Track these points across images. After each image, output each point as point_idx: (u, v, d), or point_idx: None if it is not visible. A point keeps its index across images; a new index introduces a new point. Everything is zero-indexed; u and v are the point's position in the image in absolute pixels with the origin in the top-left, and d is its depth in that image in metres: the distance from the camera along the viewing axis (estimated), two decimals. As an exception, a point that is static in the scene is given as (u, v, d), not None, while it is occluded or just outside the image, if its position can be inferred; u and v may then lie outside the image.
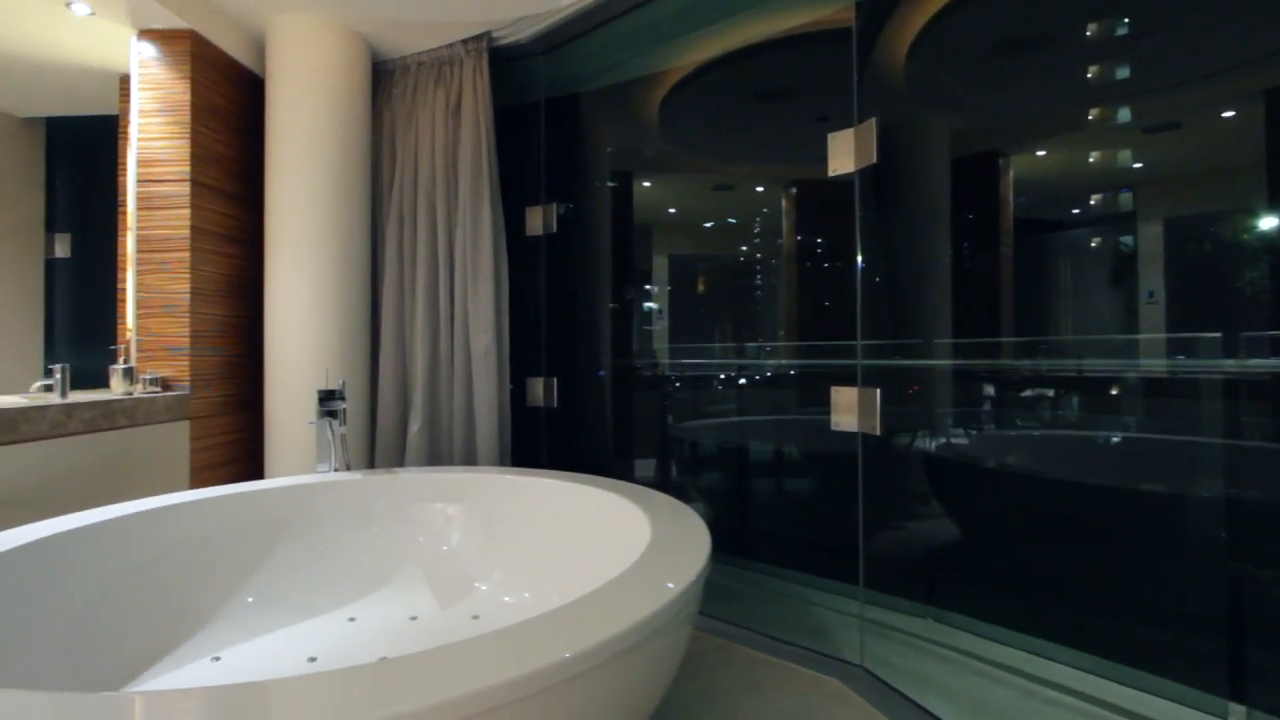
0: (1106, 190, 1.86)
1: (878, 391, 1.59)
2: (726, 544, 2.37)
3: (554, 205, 2.46)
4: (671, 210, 3.18)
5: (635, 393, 2.67)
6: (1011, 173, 2.01)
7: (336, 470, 1.84)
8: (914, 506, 2.07)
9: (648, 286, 2.93)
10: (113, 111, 2.48)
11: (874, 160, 1.61)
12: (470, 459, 2.30)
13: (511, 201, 2.41)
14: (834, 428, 1.67)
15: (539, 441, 2.44)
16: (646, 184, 2.95)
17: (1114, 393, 1.83)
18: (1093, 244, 1.94)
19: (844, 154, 1.70)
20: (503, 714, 0.75)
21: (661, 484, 2.67)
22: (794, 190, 2.64)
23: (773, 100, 2.55)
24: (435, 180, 2.38)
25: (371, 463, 2.39)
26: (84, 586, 1.26)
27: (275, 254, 2.22)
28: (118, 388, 1.98)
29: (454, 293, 2.34)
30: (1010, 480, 2.00)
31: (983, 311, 2.01)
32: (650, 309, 2.92)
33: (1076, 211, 1.98)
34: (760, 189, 2.89)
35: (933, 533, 2.01)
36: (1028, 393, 1.98)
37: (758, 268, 2.87)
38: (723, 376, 2.72)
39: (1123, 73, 1.76)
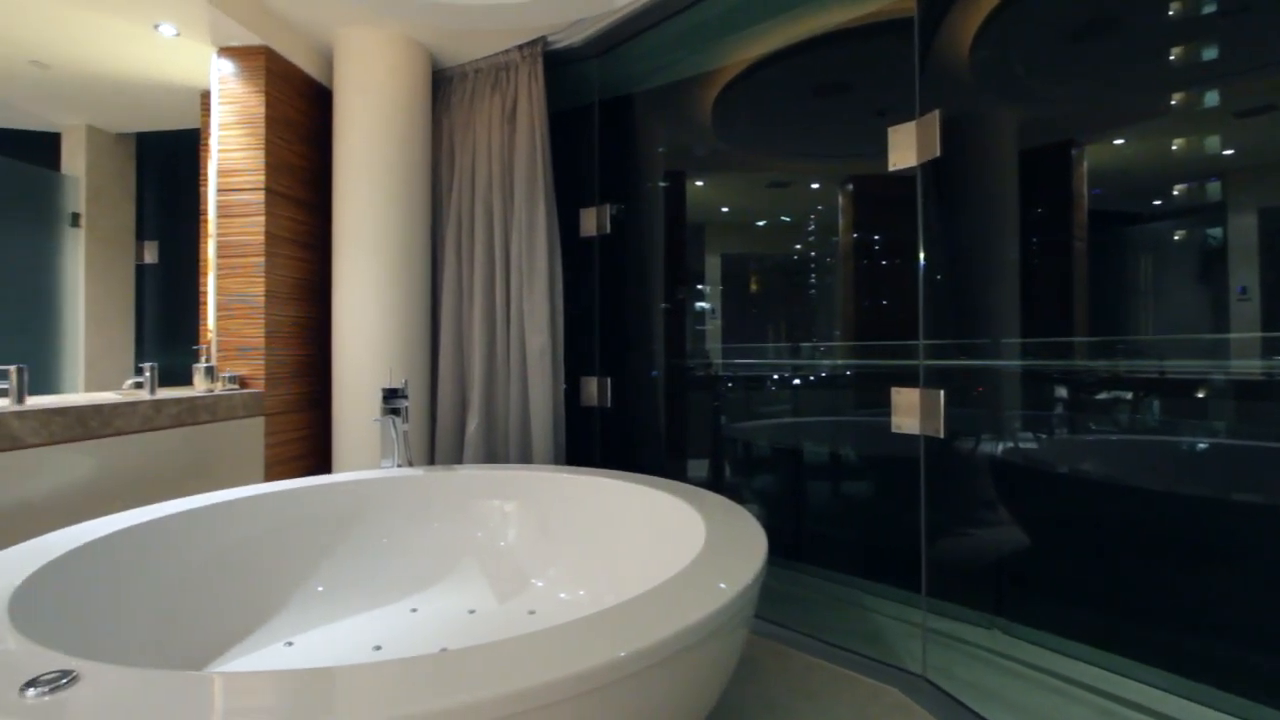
0: (1192, 180, 1.74)
1: (941, 393, 1.54)
2: (781, 547, 2.34)
3: (607, 206, 2.48)
4: (724, 209, 3.15)
5: (688, 393, 2.66)
6: (1086, 163, 1.90)
7: (399, 466, 1.91)
8: (979, 513, 1.99)
9: (700, 286, 2.92)
10: (195, 125, 2.64)
11: (937, 153, 1.56)
12: (526, 457, 2.34)
13: (566, 203, 2.44)
14: (894, 430, 1.62)
15: (593, 440, 2.47)
16: (699, 183, 2.93)
17: (1200, 396, 1.71)
18: (1175, 237, 1.82)
19: (905, 148, 1.65)
20: (559, 710, 0.75)
21: (714, 485, 2.65)
22: (851, 186, 2.58)
23: (830, 95, 2.50)
24: (492, 184, 2.43)
25: (431, 459, 2.46)
26: (172, 571, 1.34)
27: (342, 257, 2.31)
28: (200, 385, 2.10)
29: (510, 293, 2.39)
30: (1085, 487, 1.89)
31: (1054, 310, 1.91)
32: (702, 308, 2.91)
33: (1158, 203, 1.86)
34: (816, 186, 2.83)
35: (1000, 540, 1.92)
36: (1103, 395, 1.88)
37: (812, 266, 2.82)
38: (775, 377, 2.68)
39: (1210, 53, 1.64)
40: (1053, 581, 1.82)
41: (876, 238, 2.51)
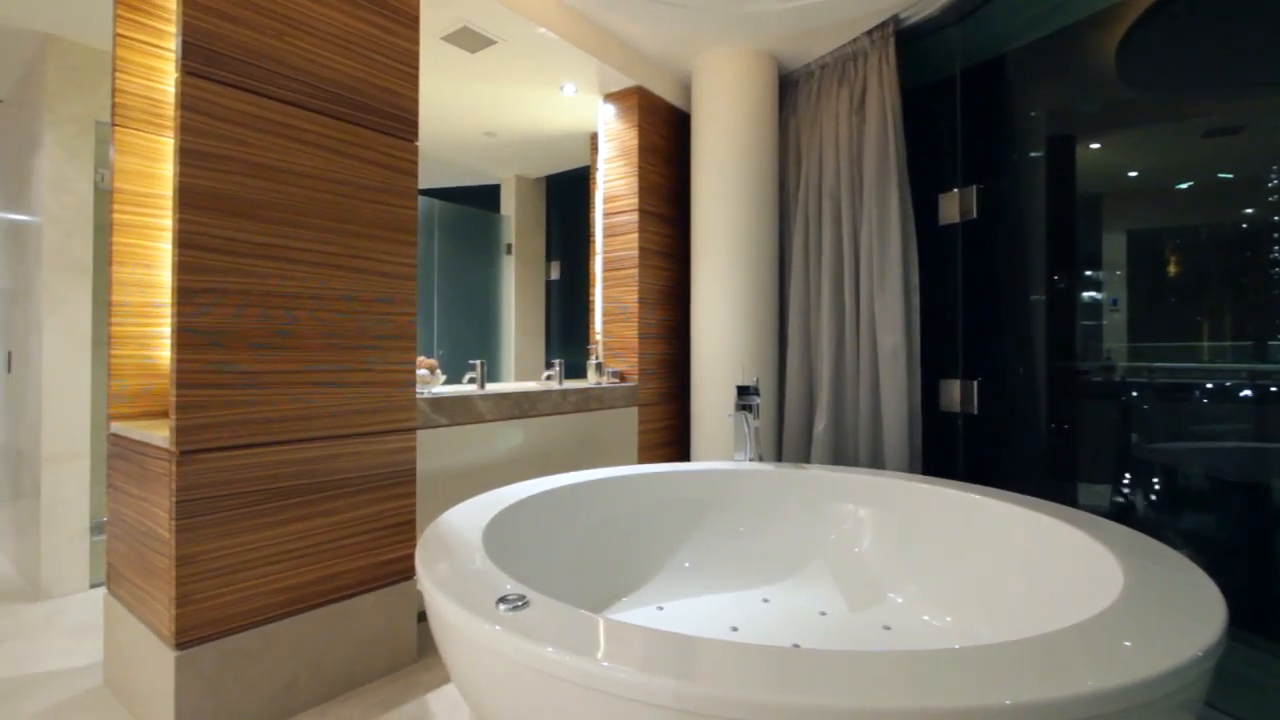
0: None
1: None
2: (1235, 613, 1.76)
3: (972, 188, 2.20)
4: (1132, 173, 2.51)
5: (1078, 400, 2.20)
6: None
7: (751, 460, 2.00)
8: None
9: (1090, 273, 2.38)
10: (584, 164, 3.20)
11: None
12: (876, 461, 2.23)
13: (921, 190, 2.25)
14: None
15: (955, 450, 2.22)
16: (1095, 145, 2.40)
17: None
18: None
19: None
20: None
21: (1120, 518, 2.13)
22: (1362, 116, 1.80)
23: (1324, -7, 1.79)
24: (840, 178, 2.38)
25: (779, 456, 2.53)
26: (580, 529, 1.65)
27: (699, 265, 2.53)
28: (591, 378, 2.54)
29: (860, 291, 2.31)
30: None
31: None
32: (1098, 299, 2.37)
33: None
34: (1291, 124, 2.06)
35: None
36: None
37: (1276, 235, 2.05)
38: (1209, 386, 2.02)
39: None
40: None
41: None
